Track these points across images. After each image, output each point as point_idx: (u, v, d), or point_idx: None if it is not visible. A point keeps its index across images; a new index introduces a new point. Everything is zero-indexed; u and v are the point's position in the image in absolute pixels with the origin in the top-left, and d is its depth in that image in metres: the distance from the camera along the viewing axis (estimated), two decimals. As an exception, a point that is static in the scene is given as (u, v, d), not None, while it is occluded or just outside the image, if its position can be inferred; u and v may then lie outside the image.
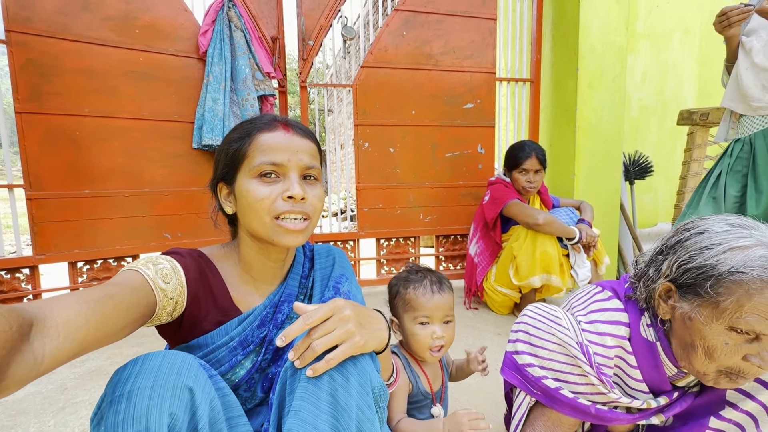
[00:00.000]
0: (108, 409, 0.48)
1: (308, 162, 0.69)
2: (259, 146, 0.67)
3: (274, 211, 0.66)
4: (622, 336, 0.75)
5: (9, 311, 0.39)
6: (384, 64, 2.36)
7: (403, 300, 0.89)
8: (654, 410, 0.75)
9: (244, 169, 0.68)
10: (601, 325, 0.76)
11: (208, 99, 2.06)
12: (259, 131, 0.68)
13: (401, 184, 2.47)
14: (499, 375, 1.09)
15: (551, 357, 0.75)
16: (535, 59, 2.68)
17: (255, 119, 0.72)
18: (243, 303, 0.73)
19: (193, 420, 0.51)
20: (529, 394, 0.78)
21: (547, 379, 0.75)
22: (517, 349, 0.79)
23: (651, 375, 0.74)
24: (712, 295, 0.61)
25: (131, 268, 0.60)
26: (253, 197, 0.66)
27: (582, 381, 0.73)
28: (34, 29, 1.78)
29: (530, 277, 1.89)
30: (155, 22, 2.01)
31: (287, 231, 0.67)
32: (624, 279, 0.85)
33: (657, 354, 0.73)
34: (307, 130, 0.73)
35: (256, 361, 0.71)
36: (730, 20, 1.45)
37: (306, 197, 0.67)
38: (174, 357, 0.53)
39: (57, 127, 1.86)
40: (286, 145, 0.68)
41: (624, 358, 0.76)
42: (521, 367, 0.78)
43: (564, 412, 0.74)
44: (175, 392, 0.50)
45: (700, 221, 0.68)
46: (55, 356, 0.43)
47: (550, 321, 0.77)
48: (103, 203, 1.97)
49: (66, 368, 1.50)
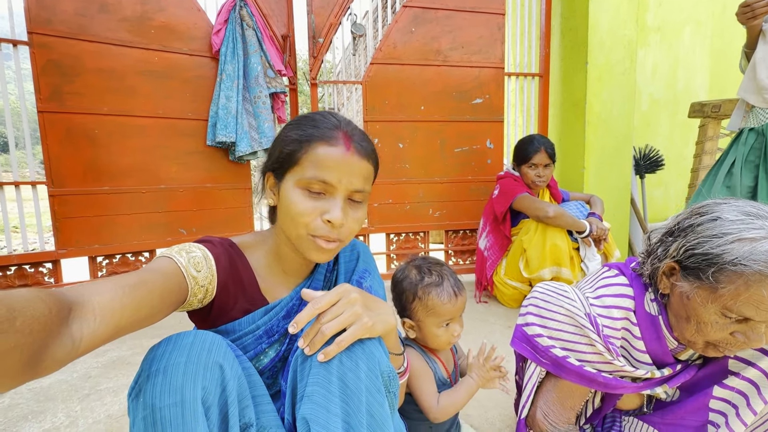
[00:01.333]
0: (146, 383, 0.51)
1: (359, 186, 0.67)
2: (315, 159, 0.64)
3: (312, 230, 0.65)
4: (628, 308, 0.79)
5: (48, 296, 0.41)
6: (393, 60, 2.39)
7: (424, 306, 0.87)
8: (658, 380, 0.78)
9: (295, 174, 0.66)
10: (607, 298, 0.79)
11: (221, 97, 2.10)
12: (319, 140, 0.65)
13: (411, 179, 2.49)
14: (512, 370, 1.11)
15: (559, 328, 0.78)
16: (544, 54, 2.68)
17: (318, 121, 0.68)
18: (270, 293, 0.75)
19: (223, 394, 0.54)
20: (539, 365, 0.81)
21: (555, 348, 0.78)
22: (527, 321, 0.83)
23: (654, 347, 0.78)
24: (712, 281, 0.65)
25: (165, 255, 0.62)
26: (294, 209, 0.65)
27: (589, 350, 0.76)
28: (54, 31, 1.83)
29: (540, 270, 1.90)
30: (170, 22, 2.05)
31: (318, 248, 0.67)
32: (630, 261, 0.88)
33: (659, 327, 0.77)
34: (369, 149, 0.69)
35: (280, 350, 0.74)
36: (755, 11, 1.43)
37: (345, 222, 0.66)
38: (204, 336, 0.56)
39: (77, 126, 1.92)
40: (343, 166, 0.65)
41: (629, 330, 0.79)
42: (531, 338, 0.81)
43: (571, 379, 0.77)
44: (207, 368, 0.52)
45: (716, 205, 0.70)
46: (91, 339, 0.45)
47: (558, 295, 0.80)
48: (121, 199, 2.03)
49: (90, 357, 1.56)
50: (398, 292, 0.92)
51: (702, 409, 0.76)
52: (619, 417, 0.89)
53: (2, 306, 0.36)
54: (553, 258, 1.87)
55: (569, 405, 0.81)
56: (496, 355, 0.89)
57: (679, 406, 0.79)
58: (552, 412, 0.82)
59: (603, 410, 0.87)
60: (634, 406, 0.87)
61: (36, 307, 0.38)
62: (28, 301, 0.38)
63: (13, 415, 1.20)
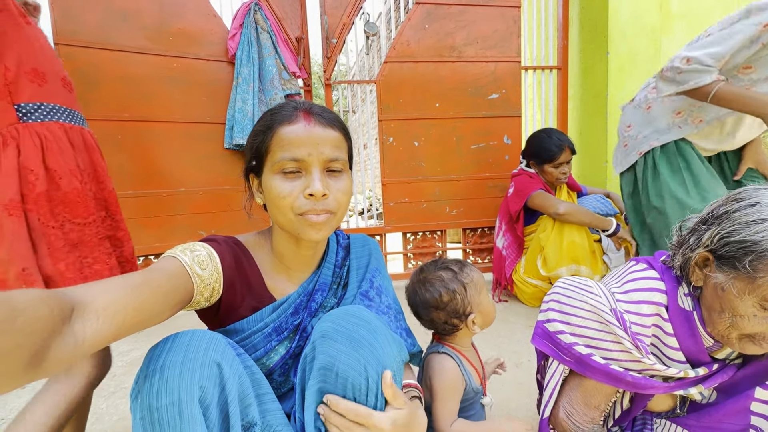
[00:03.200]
0: (143, 383, 0.50)
1: (331, 154, 0.66)
2: (280, 141, 0.65)
3: (297, 209, 0.65)
4: (659, 302, 0.74)
5: (50, 296, 0.41)
6: (407, 58, 2.37)
7: (475, 286, 0.88)
8: (692, 380, 0.72)
9: (268, 164, 0.67)
10: (636, 293, 0.75)
11: (237, 100, 2.14)
12: (280, 123, 0.66)
13: (426, 177, 2.47)
14: (533, 371, 1.07)
15: (583, 324, 0.74)
16: (562, 45, 2.60)
17: (277, 109, 0.69)
18: (277, 290, 0.75)
19: (222, 393, 0.53)
20: (561, 362, 0.77)
21: (579, 345, 0.74)
22: (549, 317, 0.78)
23: (687, 344, 0.73)
24: (750, 270, 0.60)
25: (170, 255, 0.62)
26: (275, 194, 0.65)
27: (616, 348, 0.71)
28: (79, 41, 1.90)
29: (558, 268, 1.85)
30: (187, 29, 2.10)
31: (310, 224, 0.66)
32: (659, 254, 0.82)
33: (694, 323, 0.72)
34: (331, 117, 0.69)
35: (290, 347, 0.73)
36: None
37: (328, 193, 0.66)
38: (202, 335, 0.55)
39: (100, 132, 1.96)
40: (307, 138, 0.65)
41: (661, 326, 0.74)
42: (552, 335, 0.77)
43: (597, 378, 0.72)
44: (204, 367, 0.52)
45: (755, 191, 0.66)
46: (94, 339, 0.44)
47: (581, 290, 0.76)
48: (143, 203, 2.08)
49: (114, 357, 1.60)
50: (450, 308, 0.86)
51: (743, 412, 0.70)
52: (651, 419, 0.84)
53: (3, 306, 0.35)
54: (571, 255, 1.82)
55: (594, 404, 0.77)
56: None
57: (716, 409, 0.74)
58: (576, 412, 0.78)
59: (632, 412, 0.82)
60: (666, 408, 0.82)
61: (37, 307, 0.38)
62: (29, 301, 0.38)
63: (42, 411, 1.24)
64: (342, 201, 0.69)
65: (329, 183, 0.67)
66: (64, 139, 0.84)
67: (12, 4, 0.81)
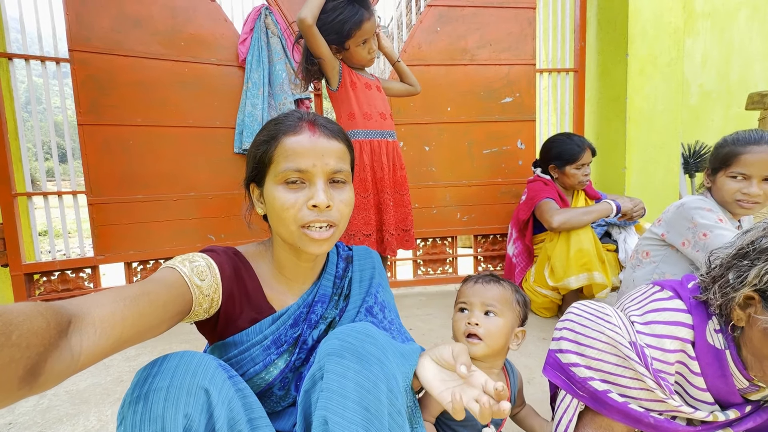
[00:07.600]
0: (127, 410, 0.49)
1: (335, 166, 0.66)
2: (284, 151, 0.65)
3: (300, 221, 0.65)
4: (686, 339, 0.67)
5: (47, 309, 0.40)
6: (418, 61, 2.33)
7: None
8: (721, 424, 0.66)
9: (271, 174, 0.66)
10: (659, 326, 0.68)
11: (247, 105, 2.13)
12: (285, 134, 0.66)
13: (437, 182, 2.42)
14: (546, 387, 1.02)
15: (600, 357, 0.68)
16: (579, 47, 2.53)
17: (281, 119, 0.69)
18: (277, 301, 0.73)
19: (210, 421, 0.51)
20: (575, 397, 0.71)
21: (594, 380, 0.68)
22: (561, 347, 0.73)
23: (716, 384, 0.66)
24: None
25: (168, 266, 0.61)
26: (279, 205, 0.65)
27: (636, 385, 0.65)
28: (93, 47, 1.93)
29: (566, 278, 1.77)
30: (198, 34, 2.11)
31: (312, 240, 0.65)
32: (687, 279, 0.76)
33: (725, 363, 0.65)
34: (335, 129, 0.70)
35: (290, 360, 0.71)
36: None
37: (332, 204, 0.65)
38: (191, 358, 0.53)
39: (113, 137, 2.00)
40: (311, 149, 0.65)
41: (686, 364, 0.68)
42: (565, 367, 0.71)
43: (613, 417, 0.67)
44: (190, 393, 0.50)
45: None
46: (92, 352, 0.44)
47: (598, 318, 0.70)
48: (154, 207, 2.10)
49: (122, 362, 1.61)
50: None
51: None
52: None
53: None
54: (581, 264, 1.74)
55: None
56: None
57: None
58: (591, 448, 0.73)
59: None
60: None
61: (33, 320, 0.38)
62: (25, 315, 0.38)
63: (50, 416, 1.25)
64: (344, 212, 0.69)
65: (332, 194, 0.67)
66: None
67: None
